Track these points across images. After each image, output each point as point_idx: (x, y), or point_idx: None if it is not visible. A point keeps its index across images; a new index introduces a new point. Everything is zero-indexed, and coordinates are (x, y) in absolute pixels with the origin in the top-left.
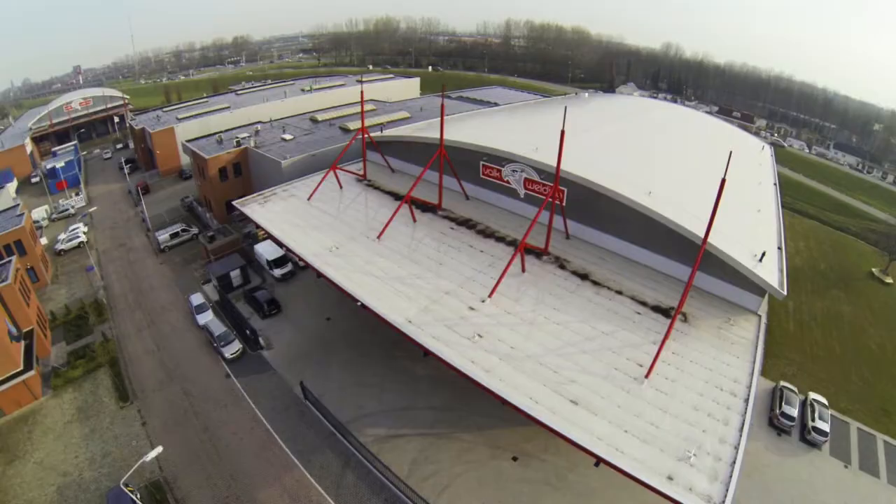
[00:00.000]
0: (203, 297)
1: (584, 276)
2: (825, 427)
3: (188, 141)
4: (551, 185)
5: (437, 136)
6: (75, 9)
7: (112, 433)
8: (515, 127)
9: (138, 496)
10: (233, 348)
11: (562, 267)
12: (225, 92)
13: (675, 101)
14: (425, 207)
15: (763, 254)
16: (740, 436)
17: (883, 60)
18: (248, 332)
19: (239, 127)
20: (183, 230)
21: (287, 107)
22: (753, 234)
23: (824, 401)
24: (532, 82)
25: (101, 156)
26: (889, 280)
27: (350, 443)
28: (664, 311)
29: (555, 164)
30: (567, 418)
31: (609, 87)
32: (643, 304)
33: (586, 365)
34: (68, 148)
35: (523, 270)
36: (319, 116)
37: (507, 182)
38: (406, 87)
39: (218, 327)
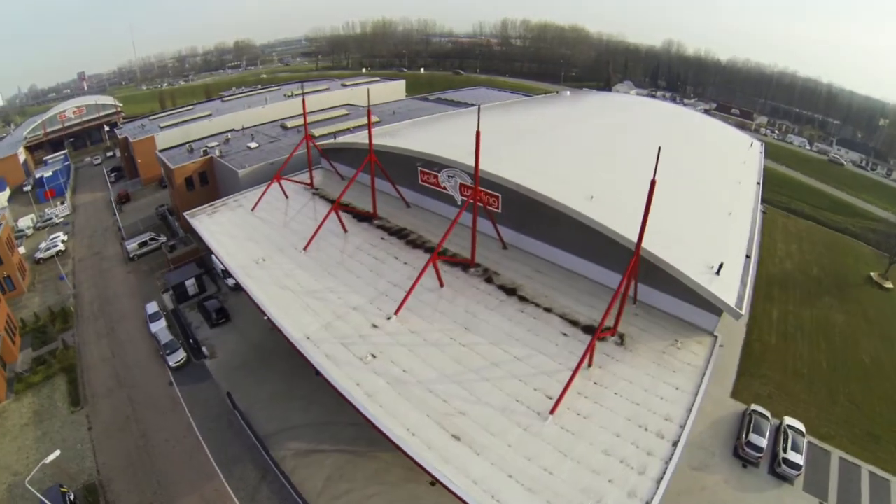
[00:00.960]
0: (158, 305)
1: (511, 291)
2: (798, 459)
3: (162, 150)
4: (486, 190)
5: (382, 142)
6: (82, 15)
7: (61, 436)
8: (470, 129)
9: (72, 497)
10: (177, 357)
11: (489, 280)
12: (213, 98)
13: (674, 99)
14: (362, 217)
15: (721, 265)
16: (657, 488)
17: (890, 53)
18: (191, 341)
19: (216, 134)
20: (151, 239)
21: (267, 113)
22: (717, 242)
23: (801, 427)
24: (524, 82)
25: (91, 163)
26: (888, 285)
27: (269, 456)
28: (602, 331)
29: (489, 169)
30: (442, 455)
31: (605, 86)
32: (573, 323)
33: (483, 394)
34: (58, 157)
35: (441, 285)
36: (290, 123)
37: (444, 188)
38: (392, 90)
39: (165, 336)
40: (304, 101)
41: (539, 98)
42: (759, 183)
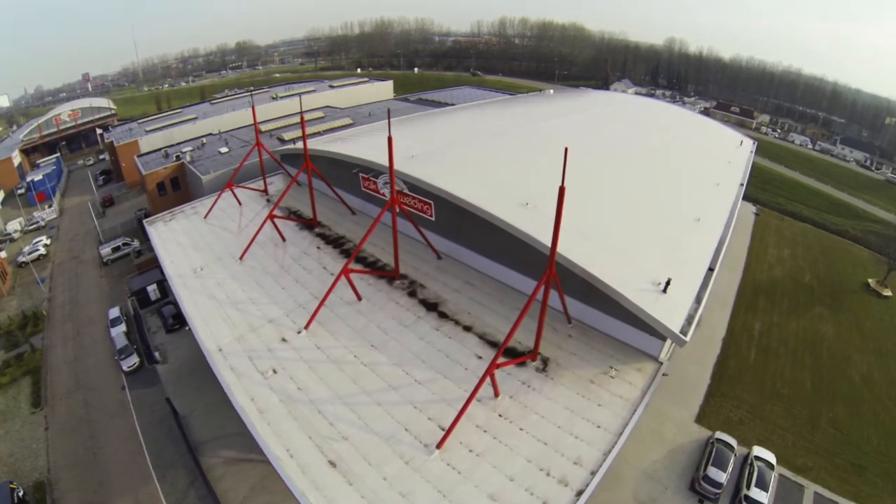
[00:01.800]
0: (120, 310)
1: (432, 307)
2: (762, 497)
3: (143, 154)
4: (419, 197)
5: (323, 147)
6: (87, 16)
7: (20, 436)
8: (426, 132)
9: (21, 493)
10: (130, 362)
11: (412, 294)
12: (203, 101)
13: (674, 98)
14: (304, 225)
15: (668, 282)
16: None
17: None
18: (145, 346)
19: (197, 138)
20: (124, 244)
21: (250, 116)
22: (673, 253)
23: (771, 458)
24: (520, 81)
25: (84, 166)
26: (887, 293)
27: (198, 463)
28: (518, 355)
29: (417, 174)
30: (314, 481)
31: (603, 85)
32: (492, 345)
33: (372, 420)
34: (50, 160)
35: (358, 298)
36: (264, 127)
37: (383, 195)
38: (379, 90)
39: (121, 341)
40: (253, 107)
41: (519, 97)
42: (742, 184)
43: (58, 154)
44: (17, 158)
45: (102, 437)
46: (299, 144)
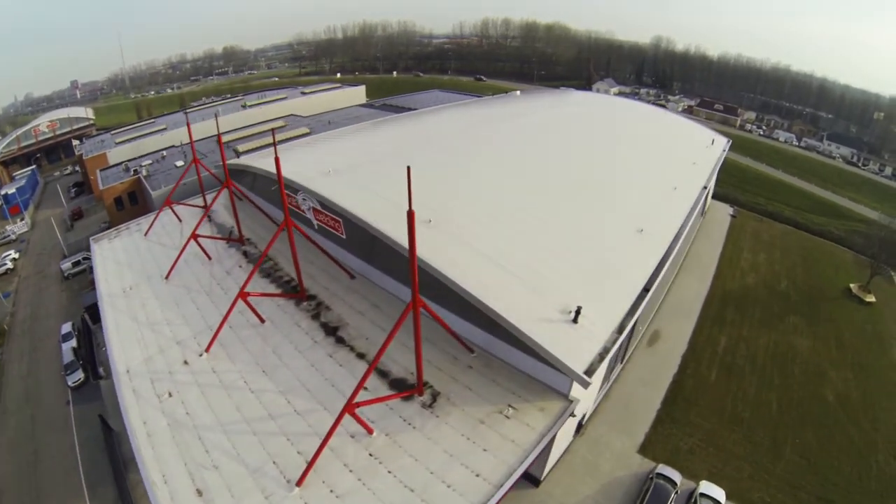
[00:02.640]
0: (72, 326)
1: (332, 331)
2: None
3: (104, 169)
4: (331, 215)
5: (246, 162)
6: (78, 23)
7: None
8: (364, 143)
9: None
10: (75, 377)
11: (316, 316)
12: (177, 111)
13: (658, 96)
14: (233, 243)
15: (578, 310)
16: None
17: (887, 46)
18: (91, 361)
19: (161, 150)
20: (84, 258)
21: (222, 124)
22: (598, 273)
23: (720, 495)
24: (499, 83)
25: (61, 177)
26: (870, 299)
27: (122, 481)
28: (408, 388)
29: (319, 189)
30: None
31: (586, 85)
32: (383, 375)
33: (245, 449)
34: (26, 172)
35: (261, 321)
36: (226, 137)
37: (303, 211)
38: (351, 95)
39: (68, 356)
40: (188, 124)
41: (481, 100)
42: (706, 187)
43: (34, 166)
44: None
45: (43, 452)
46: (243, 159)
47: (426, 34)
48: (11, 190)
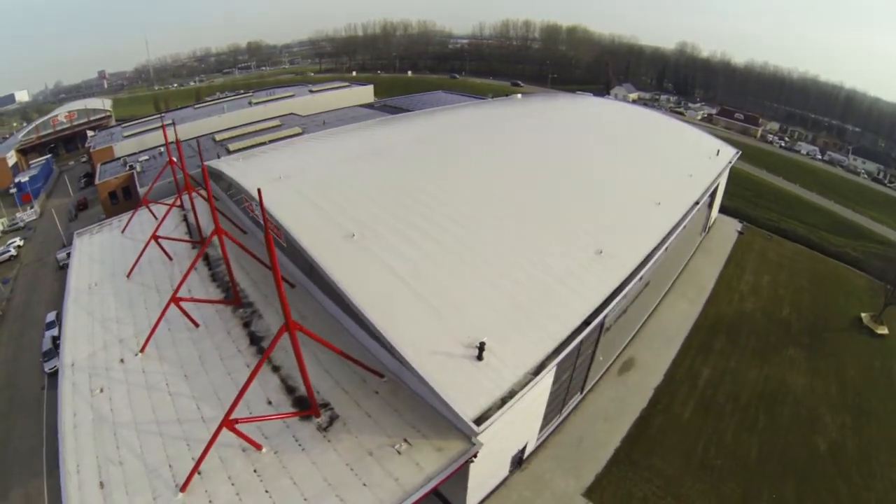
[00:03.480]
0: (56, 314)
1: (258, 340)
2: None
3: (105, 162)
4: (274, 223)
5: (229, 170)
6: (109, 13)
7: None
8: (339, 146)
9: None
10: (52, 364)
11: (247, 324)
12: (187, 105)
13: (679, 103)
14: (196, 244)
15: (481, 346)
16: None
17: None
18: None
19: (159, 146)
20: None
21: (222, 122)
22: (526, 304)
23: None
24: (513, 86)
25: (75, 166)
26: (882, 330)
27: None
28: (306, 408)
29: (266, 201)
30: (83, 500)
31: (605, 89)
32: (289, 391)
33: (150, 450)
34: (41, 161)
35: (195, 325)
36: (219, 136)
37: (257, 216)
38: (358, 94)
39: (47, 344)
40: (164, 127)
41: (475, 104)
42: (697, 202)
43: (49, 155)
44: (12, 158)
45: (14, 433)
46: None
47: (446, 34)
48: (25, 178)
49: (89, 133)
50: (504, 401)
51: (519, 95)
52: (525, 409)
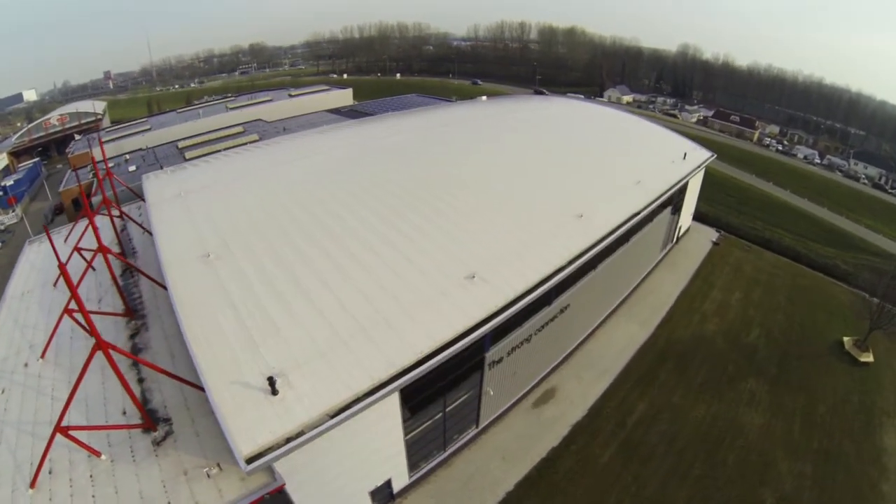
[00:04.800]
0: None
1: (137, 352)
2: None
3: (77, 168)
4: None
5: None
6: (116, 13)
7: None
8: (256, 158)
9: None
10: None
11: (133, 336)
12: (170, 110)
13: (675, 105)
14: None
15: (271, 380)
16: None
17: None
18: None
19: (138, 150)
20: None
21: (195, 127)
22: (358, 334)
23: None
24: (507, 87)
25: (63, 171)
26: (866, 357)
27: None
28: (154, 421)
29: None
30: None
31: (599, 92)
32: (145, 402)
33: (21, 447)
34: (28, 164)
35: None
36: (181, 143)
37: None
38: (337, 98)
39: None
40: (100, 139)
41: (437, 106)
42: (637, 214)
43: (37, 158)
44: (2, 161)
45: None
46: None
47: (441, 35)
48: (10, 182)
49: (76, 136)
50: (289, 441)
51: (484, 97)
52: (363, 445)
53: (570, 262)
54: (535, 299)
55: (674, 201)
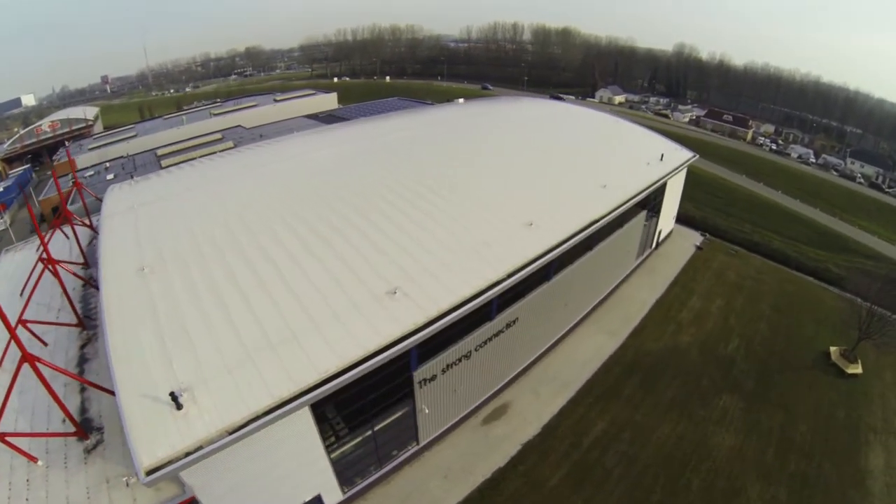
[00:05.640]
0: None
1: (84, 361)
2: None
3: (61, 176)
4: None
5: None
6: (115, 18)
7: None
8: (216, 168)
9: None
10: None
11: (84, 346)
12: (157, 116)
13: (669, 105)
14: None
15: (173, 395)
16: None
17: None
18: None
19: (122, 158)
20: None
21: (178, 134)
22: (264, 348)
23: None
24: (501, 89)
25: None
26: (854, 369)
27: None
28: (87, 430)
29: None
30: None
31: (591, 92)
32: (83, 412)
33: None
34: (18, 171)
35: (44, 344)
36: (160, 151)
37: None
38: (322, 102)
39: None
40: (68, 151)
41: (411, 110)
42: (595, 222)
43: (27, 165)
44: None
45: None
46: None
47: (434, 37)
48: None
49: (66, 143)
50: (189, 454)
51: (461, 100)
52: (280, 461)
53: (510, 275)
54: (469, 315)
55: (649, 205)
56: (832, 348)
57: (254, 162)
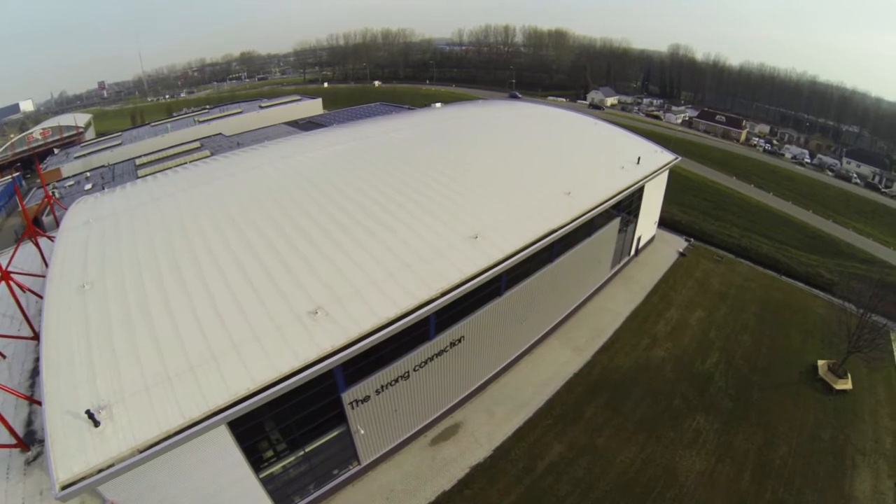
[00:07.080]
0: None
1: (36, 374)
2: None
3: (46, 185)
4: None
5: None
6: (112, 24)
7: None
8: (177, 180)
9: None
10: None
11: (38, 359)
12: (144, 124)
13: (661, 106)
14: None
15: (90, 414)
16: None
17: None
18: None
19: (102, 167)
20: None
21: (159, 142)
22: (186, 367)
23: None
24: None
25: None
26: (843, 385)
27: None
28: (29, 442)
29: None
30: None
31: (582, 94)
32: (28, 424)
33: None
34: (6, 180)
35: (2, 356)
36: (139, 160)
37: None
38: (307, 108)
39: None
40: (37, 163)
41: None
42: (554, 232)
43: (17, 173)
44: None
45: None
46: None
47: (425, 40)
48: None
49: (55, 151)
50: (102, 471)
51: (438, 104)
52: (205, 480)
53: (445, 294)
54: (401, 334)
55: (623, 210)
56: (820, 362)
57: (210, 175)
